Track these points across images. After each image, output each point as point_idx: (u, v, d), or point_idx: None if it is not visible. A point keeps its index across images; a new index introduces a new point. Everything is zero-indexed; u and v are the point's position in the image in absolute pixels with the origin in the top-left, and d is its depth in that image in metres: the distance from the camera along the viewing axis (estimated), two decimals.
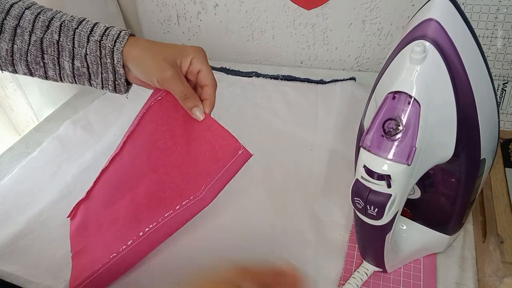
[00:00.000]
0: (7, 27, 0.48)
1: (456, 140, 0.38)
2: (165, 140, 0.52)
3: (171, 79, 0.47)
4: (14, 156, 0.74)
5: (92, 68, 0.50)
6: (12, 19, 0.48)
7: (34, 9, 0.49)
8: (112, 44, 0.48)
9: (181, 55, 0.49)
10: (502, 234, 0.43)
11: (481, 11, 0.61)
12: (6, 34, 0.48)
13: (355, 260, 0.51)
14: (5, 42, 0.49)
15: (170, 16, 1.01)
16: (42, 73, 0.51)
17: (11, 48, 0.49)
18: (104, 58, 0.49)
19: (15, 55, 0.50)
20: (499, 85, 0.64)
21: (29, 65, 0.50)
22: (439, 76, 0.36)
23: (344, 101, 0.79)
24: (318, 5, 0.86)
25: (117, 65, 0.49)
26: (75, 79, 0.51)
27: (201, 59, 0.49)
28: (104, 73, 0.50)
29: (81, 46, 0.49)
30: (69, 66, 0.50)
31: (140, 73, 0.49)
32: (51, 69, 0.51)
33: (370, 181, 0.38)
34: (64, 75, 0.51)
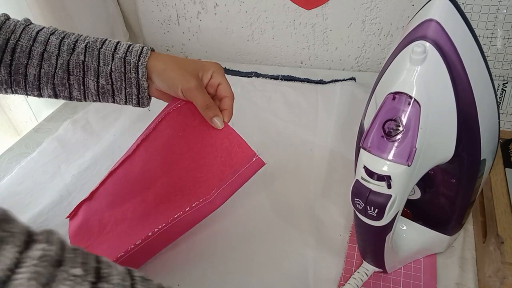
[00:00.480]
0: (35, 53, 0.51)
1: (456, 140, 0.38)
2: (181, 146, 0.54)
3: (194, 90, 0.50)
4: (13, 156, 0.74)
5: (116, 84, 0.52)
6: (39, 45, 0.51)
7: (58, 34, 0.52)
8: (136, 59, 0.51)
9: (202, 69, 0.52)
10: (502, 235, 0.43)
11: (481, 11, 0.61)
12: (34, 60, 0.51)
13: (355, 261, 0.51)
14: (33, 67, 0.51)
15: (170, 16, 1.01)
16: (67, 94, 0.53)
17: (38, 73, 0.51)
18: (128, 73, 0.51)
19: (42, 79, 0.52)
20: (499, 85, 0.64)
21: (55, 87, 0.52)
22: (439, 76, 0.36)
23: (344, 101, 0.79)
24: (318, 5, 0.86)
25: (141, 79, 0.51)
26: (99, 97, 0.53)
27: (221, 74, 0.53)
28: (128, 88, 0.52)
29: (106, 64, 0.51)
30: (93, 85, 0.52)
31: (164, 84, 0.51)
32: (75, 89, 0.53)
33: (370, 181, 0.38)
34: (88, 94, 0.53)
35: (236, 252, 0.54)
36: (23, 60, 0.50)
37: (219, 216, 0.58)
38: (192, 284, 0.51)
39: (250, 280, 0.50)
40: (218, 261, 0.53)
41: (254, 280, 0.50)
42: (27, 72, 0.51)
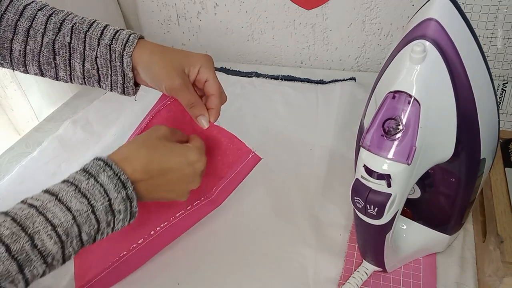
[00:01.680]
0: (20, 29, 0.49)
1: (456, 139, 0.38)
2: None
3: (178, 88, 0.48)
4: (14, 156, 0.74)
5: (102, 70, 0.51)
6: (25, 21, 0.49)
7: (46, 10, 0.50)
8: (121, 48, 0.49)
9: (189, 64, 0.49)
10: (502, 234, 0.43)
11: (481, 11, 0.61)
12: (19, 35, 0.49)
13: (355, 260, 0.51)
14: (18, 43, 0.50)
15: (170, 16, 1.01)
16: (53, 74, 0.52)
17: (23, 49, 0.50)
18: (114, 62, 0.50)
19: (28, 56, 0.50)
20: (499, 85, 0.64)
21: (41, 65, 0.51)
22: (439, 75, 0.36)
23: (344, 101, 0.79)
24: (318, 5, 0.86)
25: (126, 69, 0.50)
26: (85, 81, 0.52)
27: (209, 68, 0.50)
28: (113, 75, 0.51)
29: (92, 49, 0.50)
30: (79, 67, 0.51)
31: (148, 78, 0.50)
32: (62, 70, 0.51)
33: (370, 180, 0.38)
34: (74, 76, 0.52)
35: (236, 252, 0.54)
36: (9, 34, 0.49)
37: (219, 216, 0.58)
38: (192, 283, 0.51)
39: (250, 280, 0.50)
40: (218, 260, 0.53)
41: (254, 280, 0.50)
42: (13, 47, 0.50)
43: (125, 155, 0.42)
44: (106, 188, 0.39)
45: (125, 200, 0.40)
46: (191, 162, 0.44)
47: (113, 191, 0.39)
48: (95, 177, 0.39)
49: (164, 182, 0.43)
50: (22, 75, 0.84)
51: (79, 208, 0.37)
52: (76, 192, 0.38)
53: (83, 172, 0.40)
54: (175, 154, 0.44)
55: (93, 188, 0.38)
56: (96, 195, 0.38)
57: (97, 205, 0.38)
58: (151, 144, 0.44)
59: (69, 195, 0.37)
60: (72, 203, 0.37)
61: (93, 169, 0.40)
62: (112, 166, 0.40)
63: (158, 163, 0.43)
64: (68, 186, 0.38)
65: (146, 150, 0.43)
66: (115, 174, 0.39)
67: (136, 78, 0.52)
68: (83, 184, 0.38)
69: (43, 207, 0.36)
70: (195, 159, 0.45)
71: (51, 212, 0.36)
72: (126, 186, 0.40)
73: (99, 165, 0.40)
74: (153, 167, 0.42)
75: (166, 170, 0.43)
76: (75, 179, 0.39)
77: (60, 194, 0.37)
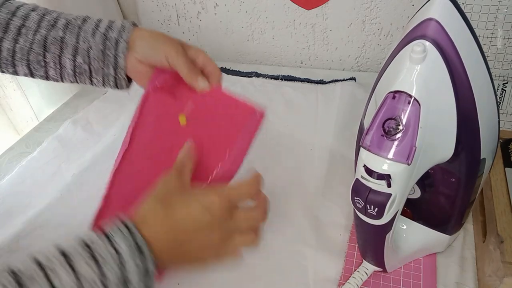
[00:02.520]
0: (12, 27, 0.49)
1: (456, 139, 0.38)
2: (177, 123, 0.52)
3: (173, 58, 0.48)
4: (14, 156, 0.74)
5: (93, 64, 0.50)
6: (17, 19, 0.49)
7: (39, 10, 0.51)
8: (117, 34, 0.50)
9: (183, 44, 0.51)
10: (502, 234, 0.43)
11: (481, 11, 0.61)
12: (10, 33, 0.49)
13: (355, 260, 0.51)
14: (8, 41, 0.49)
15: (170, 16, 1.01)
16: (43, 73, 0.52)
17: (13, 47, 0.50)
18: (107, 51, 0.50)
19: (17, 55, 0.50)
20: (499, 85, 0.64)
21: (30, 64, 0.51)
22: (439, 76, 0.36)
23: (344, 101, 0.79)
24: (318, 5, 0.86)
25: (119, 55, 0.50)
26: (76, 78, 0.52)
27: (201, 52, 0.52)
28: (105, 68, 0.51)
29: (86, 41, 0.50)
30: (70, 64, 0.51)
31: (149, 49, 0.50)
32: (52, 68, 0.51)
33: (370, 180, 0.38)
34: (65, 75, 0.52)
35: None
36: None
37: None
38: (192, 283, 0.51)
39: (250, 280, 0.50)
40: None
41: (254, 280, 0.50)
42: (1, 46, 0.49)
43: (142, 216, 0.39)
44: (121, 254, 0.35)
45: (139, 268, 0.36)
46: (208, 207, 0.40)
47: (129, 258, 0.35)
48: (111, 240, 0.36)
49: (181, 237, 0.39)
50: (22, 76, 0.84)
51: (86, 273, 0.33)
52: (89, 256, 0.34)
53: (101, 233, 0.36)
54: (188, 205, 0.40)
55: (106, 253, 0.35)
56: (109, 261, 0.34)
57: (108, 273, 0.34)
58: (166, 200, 0.41)
59: (81, 258, 0.34)
60: (82, 268, 0.33)
61: (110, 231, 0.36)
62: (130, 228, 0.37)
63: (171, 213, 0.39)
64: (82, 246, 0.35)
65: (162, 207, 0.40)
66: (132, 237, 0.36)
67: (128, 71, 0.51)
68: (98, 247, 0.35)
69: (49, 267, 0.33)
70: (212, 203, 0.40)
71: (58, 278, 0.33)
72: (143, 251, 0.36)
73: (116, 227, 0.37)
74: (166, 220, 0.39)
75: (182, 222, 0.39)
76: (91, 241, 0.35)
77: (72, 256, 0.34)
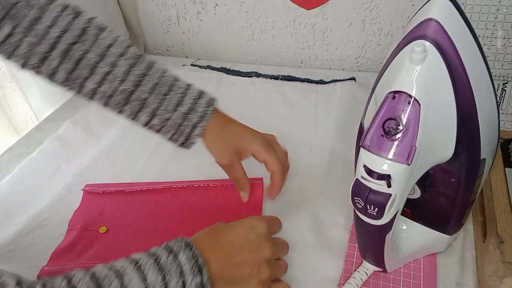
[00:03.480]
0: (98, 71, 0.50)
1: (456, 140, 0.38)
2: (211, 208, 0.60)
3: (225, 166, 0.54)
4: (14, 156, 0.74)
5: (167, 128, 0.53)
6: (106, 66, 0.50)
7: (128, 56, 0.51)
8: (197, 120, 0.52)
9: (243, 147, 0.54)
10: (502, 234, 0.43)
11: (481, 11, 0.61)
12: (96, 76, 0.50)
13: (355, 260, 0.51)
14: (93, 83, 0.51)
15: (170, 16, 1.01)
16: (116, 112, 0.54)
17: (95, 89, 0.51)
18: (184, 127, 0.52)
19: (96, 96, 0.52)
20: (499, 85, 0.65)
21: (106, 106, 0.53)
22: (439, 76, 0.36)
23: (344, 101, 0.79)
24: (318, 5, 0.86)
25: (194, 137, 0.53)
26: (144, 127, 0.54)
27: (263, 151, 0.53)
28: (176, 135, 0.53)
29: (167, 111, 0.52)
30: (145, 120, 0.52)
31: (207, 149, 0.55)
32: (127, 115, 0.53)
33: (370, 180, 0.38)
34: (136, 122, 0.54)
35: None
36: (85, 73, 0.50)
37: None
38: None
39: None
40: None
41: None
42: (85, 84, 0.51)
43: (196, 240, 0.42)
44: (183, 269, 0.38)
45: (198, 287, 0.39)
46: (251, 227, 0.44)
47: (189, 273, 0.38)
48: (176, 254, 0.39)
49: (233, 254, 0.42)
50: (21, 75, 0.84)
51: (154, 280, 0.37)
52: (154, 264, 0.38)
53: (165, 247, 0.40)
54: (233, 225, 0.45)
55: (171, 264, 0.38)
56: (172, 273, 0.38)
57: (171, 284, 0.37)
58: (212, 227, 0.45)
59: (148, 265, 0.38)
60: (149, 274, 0.37)
61: (174, 246, 0.40)
62: (192, 247, 0.40)
63: (222, 234, 0.43)
64: (149, 257, 0.38)
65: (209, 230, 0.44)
66: (193, 256, 0.39)
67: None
68: (163, 258, 0.38)
69: (122, 270, 0.37)
70: (253, 224, 0.45)
71: (128, 277, 0.36)
72: (202, 271, 0.39)
73: (180, 244, 0.40)
74: (218, 241, 0.43)
75: (232, 240, 0.43)
76: (157, 252, 0.39)
77: (140, 262, 0.38)
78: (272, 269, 0.44)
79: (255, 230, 0.44)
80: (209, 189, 0.63)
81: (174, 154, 0.70)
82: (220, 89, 0.87)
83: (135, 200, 0.62)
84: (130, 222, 0.58)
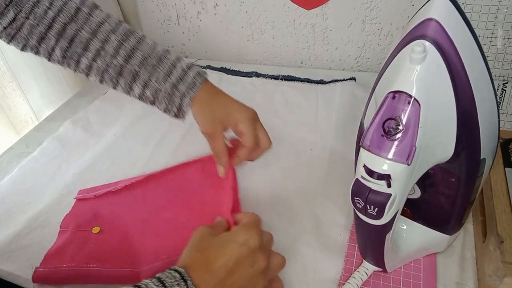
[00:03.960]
0: (91, 48, 0.53)
1: (456, 140, 0.38)
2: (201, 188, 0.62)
3: (208, 136, 0.57)
4: (14, 156, 0.74)
5: (159, 99, 0.55)
6: (98, 42, 0.53)
7: (119, 33, 0.54)
8: (186, 90, 0.54)
9: (229, 119, 0.56)
10: (502, 234, 0.43)
11: (481, 11, 0.61)
12: (89, 53, 0.53)
13: (355, 260, 0.51)
14: (87, 59, 0.53)
15: (170, 16, 1.01)
16: (111, 86, 0.56)
17: (90, 64, 0.54)
18: (174, 97, 0.54)
19: (92, 70, 0.54)
20: (499, 85, 0.65)
21: (103, 80, 0.55)
22: (439, 76, 0.36)
23: (344, 101, 0.79)
24: (318, 5, 0.86)
25: (184, 106, 0.55)
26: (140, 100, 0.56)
27: (247, 124, 0.56)
28: (169, 105, 0.55)
29: (158, 82, 0.54)
30: (139, 91, 0.55)
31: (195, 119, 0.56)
32: (121, 87, 0.55)
33: (370, 180, 0.38)
34: (131, 95, 0.56)
35: None
36: (79, 49, 0.53)
37: None
38: None
39: None
40: None
41: None
42: (80, 60, 0.53)
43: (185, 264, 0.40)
44: None
45: None
46: (242, 242, 0.42)
47: None
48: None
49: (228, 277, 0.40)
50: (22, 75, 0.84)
51: None
52: None
53: (158, 282, 0.36)
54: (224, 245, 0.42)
55: None
56: None
57: None
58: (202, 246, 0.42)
59: None
60: None
61: (167, 280, 0.37)
62: (187, 281, 0.37)
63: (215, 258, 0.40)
64: None
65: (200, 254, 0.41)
66: None
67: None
68: None
69: None
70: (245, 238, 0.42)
71: None
72: None
73: (174, 277, 0.37)
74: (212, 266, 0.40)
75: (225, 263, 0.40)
76: (147, 287, 0.36)
77: None
78: (268, 276, 0.43)
79: (247, 245, 0.41)
80: (187, 166, 0.64)
81: (174, 154, 0.70)
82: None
83: (123, 197, 0.62)
84: (122, 220, 0.59)
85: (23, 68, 0.84)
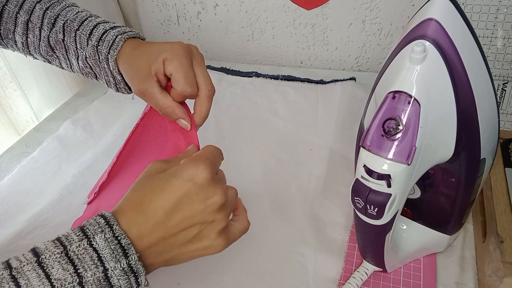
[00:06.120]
0: (19, 22, 0.49)
1: (456, 139, 0.38)
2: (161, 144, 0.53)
3: (143, 94, 0.44)
4: (14, 156, 0.74)
5: (95, 69, 0.50)
6: (24, 14, 0.49)
7: (43, 3, 0.50)
8: (107, 50, 0.46)
9: (154, 60, 0.43)
10: (502, 234, 0.43)
11: (481, 11, 0.61)
12: (19, 28, 0.49)
13: (355, 260, 0.51)
14: (19, 36, 0.50)
15: (170, 16, 1.01)
16: (58, 64, 0.52)
17: (25, 41, 0.50)
18: (102, 63, 0.48)
19: (30, 47, 0.51)
20: (499, 85, 0.64)
21: (44, 56, 0.51)
22: (439, 76, 0.36)
23: (344, 101, 0.79)
24: (318, 5, 0.86)
25: (113, 71, 0.47)
26: (84, 75, 0.52)
27: (175, 62, 0.42)
28: (105, 75, 0.49)
29: (82, 48, 0.48)
30: (76, 64, 0.50)
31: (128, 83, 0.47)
32: (63, 62, 0.51)
33: (370, 180, 0.38)
34: (75, 69, 0.51)
35: (235, 252, 0.54)
36: (11, 26, 0.50)
37: None
38: (192, 283, 0.51)
39: (250, 280, 0.50)
40: (217, 260, 0.53)
41: (254, 280, 0.50)
42: (16, 39, 0.51)
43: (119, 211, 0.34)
44: (101, 255, 0.30)
45: (126, 272, 0.31)
46: (188, 178, 0.34)
47: (110, 258, 0.30)
48: (90, 239, 0.31)
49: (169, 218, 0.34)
50: (22, 75, 0.84)
51: (61, 277, 0.29)
52: (62, 256, 0.30)
53: (79, 231, 0.31)
54: (165, 181, 0.35)
55: (84, 253, 0.30)
56: (87, 263, 0.30)
57: (86, 275, 0.30)
58: (141, 184, 0.36)
59: (53, 259, 0.30)
60: (53, 270, 0.29)
61: (90, 228, 0.31)
62: (113, 226, 0.32)
63: (150, 198, 0.34)
64: (55, 247, 0.30)
65: (135, 194, 0.35)
66: (114, 236, 0.31)
67: None
68: (73, 246, 0.30)
69: (17, 270, 0.29)
70: (192, 172, 0.34)
71: (24, 279, 0.29)
72: (128, 253, 0.31)
73: (98, 224, 0.32)
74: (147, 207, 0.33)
75: (164, 202, 0.33)
76: (66, 239, 0.31)
77: (43, 256, 0.30)
78: (229, 211, 0.36)
79: (193, 181, 0.34)
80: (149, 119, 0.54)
81: None
82: (220, 89, 0.87)
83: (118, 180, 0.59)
84: None
85: (23, 69, 0.84)
